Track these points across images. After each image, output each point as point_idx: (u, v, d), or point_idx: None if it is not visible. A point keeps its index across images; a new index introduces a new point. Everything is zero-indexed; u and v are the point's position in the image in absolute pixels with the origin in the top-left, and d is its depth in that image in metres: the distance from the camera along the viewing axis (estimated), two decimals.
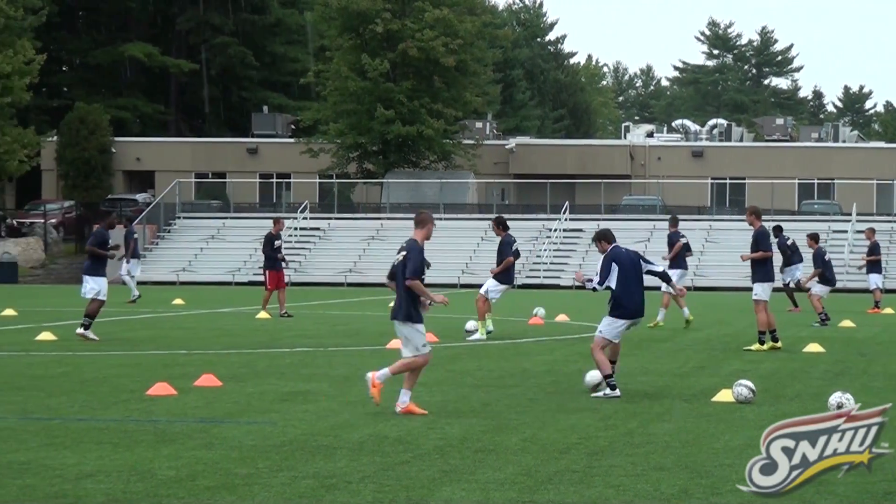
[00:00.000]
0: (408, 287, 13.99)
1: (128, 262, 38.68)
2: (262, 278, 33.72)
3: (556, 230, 60.05)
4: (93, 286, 23.67)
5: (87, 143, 70.24)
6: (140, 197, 68.92)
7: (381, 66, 64.05)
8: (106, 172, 71.60)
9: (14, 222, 66.14)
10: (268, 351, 21.66)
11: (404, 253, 14.20)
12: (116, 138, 73.12)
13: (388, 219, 62.54)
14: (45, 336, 23.51)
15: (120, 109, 79.17)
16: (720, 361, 20.25)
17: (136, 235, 40.80)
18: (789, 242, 34.54)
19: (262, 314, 30.65)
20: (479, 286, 25.96)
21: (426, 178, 66.61)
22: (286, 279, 33.34)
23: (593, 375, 15.70)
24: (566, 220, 60.74)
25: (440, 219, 56.92)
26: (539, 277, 56.62)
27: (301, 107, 74.40)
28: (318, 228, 61.78)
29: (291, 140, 72.37)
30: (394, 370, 14.04)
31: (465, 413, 13.96)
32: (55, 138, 70.45)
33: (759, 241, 21.72)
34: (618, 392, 15.32)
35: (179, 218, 63.56)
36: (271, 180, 71.53)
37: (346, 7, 64.62)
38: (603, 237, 16.26)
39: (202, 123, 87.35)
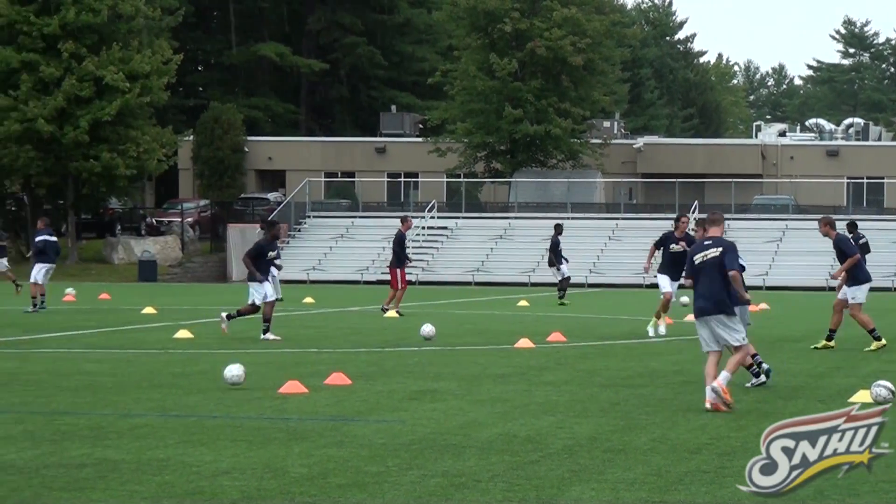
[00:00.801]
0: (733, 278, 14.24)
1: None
2: (387, 277, 33.92)
3: None
4: (260, 291, 23.89)
5: (221, 142, 71.32)
6: (271, 196, 69.78)
7: (509, 65, 64.17)
8: (239, 172, 72.60)
9: (153, 221, 67.39)
10: (396, 350, 21.86)
11: (720, 249, 14.29)
12: (249, 138, 74.10)
13: (516, 218, 62.60)
14: (183, 334, 23.96)
15: (253, 109, 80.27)
16: (857, 362, 20.00)
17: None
18: (862, 241, 34.11)
19: (391, 313, 30.80)
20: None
21: (553, 177, 66.55)
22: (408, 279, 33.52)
23: None
24: (695, 219, 60.32)
25: (567, 218, 56.84)
26: None
27: (429, 106, 74.74)
28: (445, 227, 62.03)
29: (419, 139, 72.73)
30: (732, 369, 14.19)
31: (593, 413, 13.99)
32: (191, 138, 71.59)
33: (843, 247, 21.56)
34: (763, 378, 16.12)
35: (309, 217, 64.24)
36: (399, 179, 71.95)
37: (474, 7, 64.82)
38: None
39: (331, 123, 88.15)
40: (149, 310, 31.79)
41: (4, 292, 39.16)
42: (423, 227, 61.32)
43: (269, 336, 23.52)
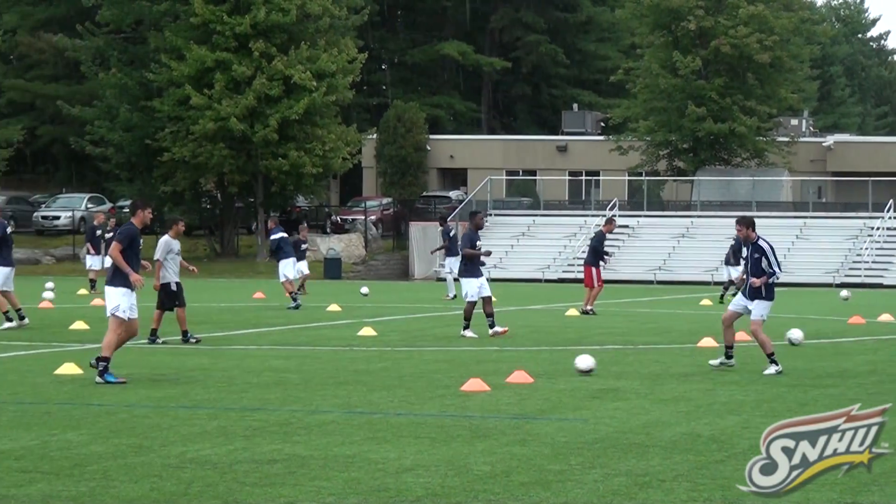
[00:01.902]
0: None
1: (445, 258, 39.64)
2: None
3: (878, 229, 58.45)
4: (465, 288, 24.10)
5: (403, 140, 72.00)
6: (453, 194, 70.19)
7: (693, 63, 63.55)
8: (421, 170, 73.22)
9: (338, 219, 68.35)
10: (578, 348, 21.81)
11: None
12: (431, 136, 74.66)
13: (699, 216, 61.97)
14: (367, 332, 24.28)
15: (435, 107, 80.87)
16: None
17: (452, 233, 41.61)
18: None
19: (588, 307, 30.62)
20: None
21: (738, 175, 65.72)
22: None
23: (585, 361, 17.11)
24: (890, 218, 59.03)
25: (752, 216, 56.04)
26: (860, 276, 55.25)
27: (610, 104, 74.41)
28: (626, 226, 61.65)
29: (601, 138, 72.45)
30: None
31: (780, 412, 13.79)
32: (375, 136, 72.41)
33: None
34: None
35: (491, 215, 64.44)
36: (580, 178, 71.76)
37: (657, 4, 64.35)
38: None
39: (513, 121, 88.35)
40: (334, 307, 32.28)
41: (221, 290, 40.14)
42: (598, 226, 60.98)
43: (468, 333, 23.66)
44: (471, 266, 24.10)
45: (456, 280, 33.63)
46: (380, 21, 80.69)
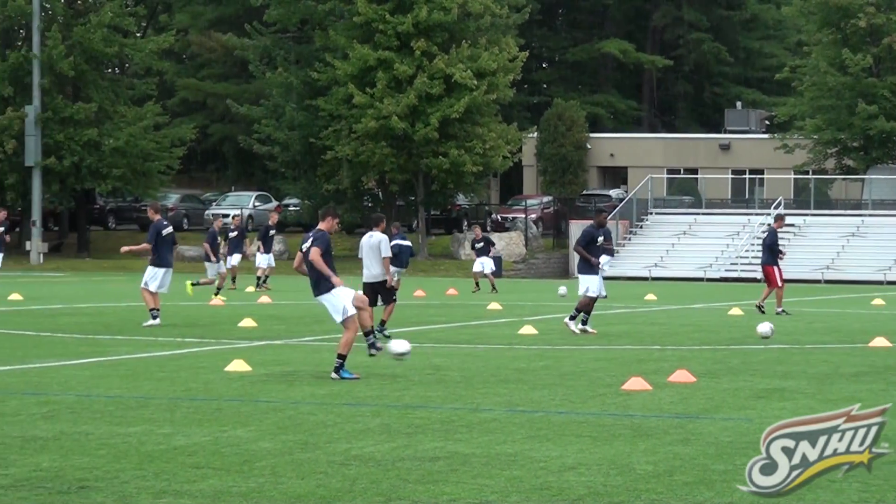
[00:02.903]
0: None
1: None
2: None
3: None
4: (584, 284, 24.22)
5: (564, 139, 71.92)
6: (613, 193, 69.90)
7: (864, 60, 62.38)
8: (581, 168, 73.05)
9: (498, 217, 68.53)
10: (741, 347, 21.61)
11: None
12: (591, 134, 74.43)
13: (871, 216, 60.81)
14: (527, 330, 24.33)
15: (595, 106, 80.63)
16: None
17: (610, 231, 41.51)
18: None
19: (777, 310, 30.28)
20: None
21: None
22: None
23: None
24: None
25: None
26: None
27: (776, 102, 73.37)
28: (792, 225, 60.74)
29: (765, 136, 71.48)
30: None
31: None
32: (535, 135, 72.43)
33: None
34: None
35: (651, 214, 64.04)
36: (744, 176, 70.90)
37: (825, 2, 63.30)
38: None
39: (674, 119, 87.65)
40: (494, 305, 32.38)
41: None
42: (768, 224, 60.13)
43: (572, 325, 23.93)
44: (588, 263, 24.17)
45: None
46: (541, 19, 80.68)
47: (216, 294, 35.05)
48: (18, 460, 10.62)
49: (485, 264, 41.37)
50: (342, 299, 16.77)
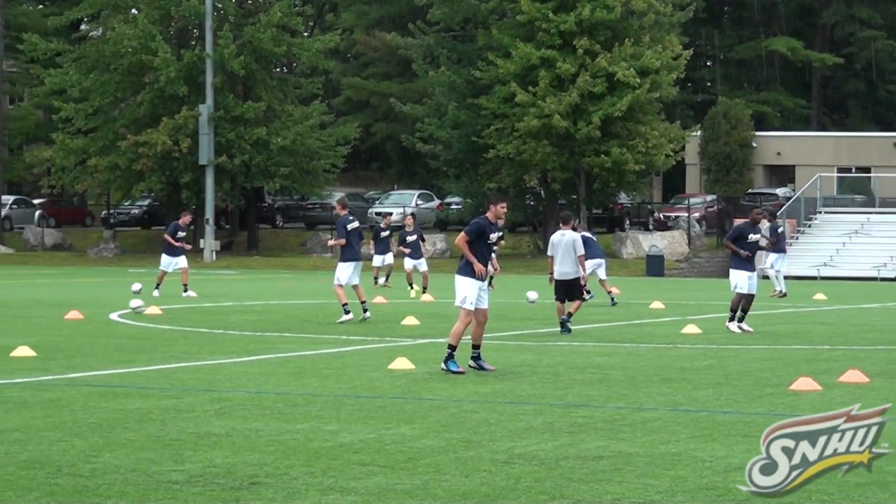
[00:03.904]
0: None
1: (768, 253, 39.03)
2: None
3: None
4: (733, 280, 24.09)
5: (728, 137, 71.10)
6: (780, 191, 68.89)
7: None
8: (746, 167, 72.14)
9: (660, 216, 68.04)
10: None
11: None
12: (757, 133, 73.44)
13: None
14: (691, 329, 24.13)
15: (761, 104, 79.55)
16: None
17: (781, 229, 40.97)
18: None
19: None
20: None
21: None
22: None
23: None
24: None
25: None
26: None
27: None
28: None
29: None
30: None
31: None
32: (699, 133, 71.75)
33: None
34: None
35: (820, 213, 62.98)
36: None
37: None
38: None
39: (845, 118, 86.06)
40: (657, 304, 32.18)
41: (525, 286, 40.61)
42: None
43: (732, 325, 23.78)
44: (739, 259, 23.88)
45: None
46: (706, 17, 79.84)
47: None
48: (193, 456, 10.86)
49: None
50: (468, 290, 16.97)
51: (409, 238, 38.19)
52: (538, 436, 12.06)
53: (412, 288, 37.35)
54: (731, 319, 24.09)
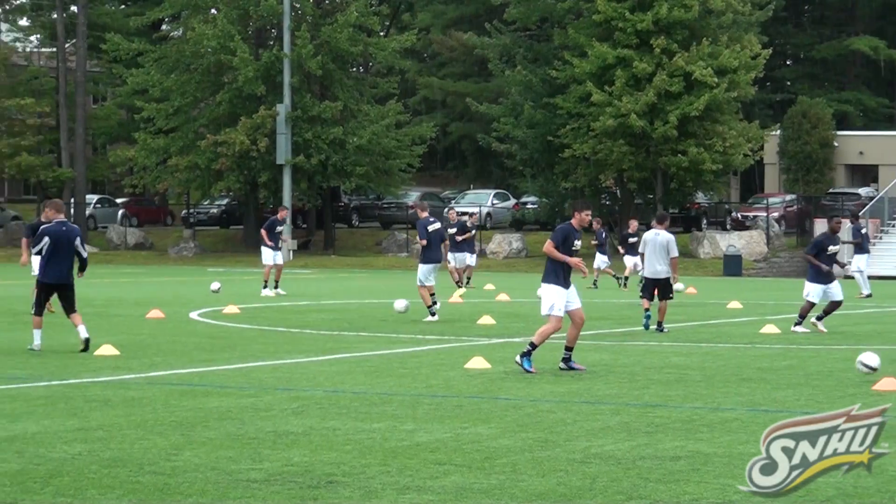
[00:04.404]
0: None
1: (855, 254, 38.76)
2: None
3: None
4: (806, 289, 23.95)
5: (808, 136, 70.44)
6: (863, 191, 68.16)
7: None
8: (827, 166, 71.44)
9: (738, 216, 67.58)
10: None
11: None
12: (838, 132, 72.71)
13: None
14: (770, 329, 23.97)
15: (842, 103, 78.76)
16: None
17: (864, 230, 40.68)
18: None
19: None
20: None
21: None
22: None
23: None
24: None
25: None
26: None
27: None
28: None
29: None
30: None
31: None
32: (778, 132, 71.17)
33: None
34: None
35: None
36: None
37: None
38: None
39: None
40: (734, 304, 31.98)
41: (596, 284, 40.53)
42: None
43: (800, 326, 23.76)
44: (817, 271, 23.77)
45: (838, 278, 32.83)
46: (785, 16, 79.16)
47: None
48: (271, 455, 10.96)
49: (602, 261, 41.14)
50: (554, 297, 17.08)
51: (451, 230, 38.07)
52: (615, 435, 12.04)
53: (460, 286, 37.03)
54: (798, 324, 23.87)
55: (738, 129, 60.65)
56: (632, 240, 38.71)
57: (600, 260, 41.18)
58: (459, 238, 36.95)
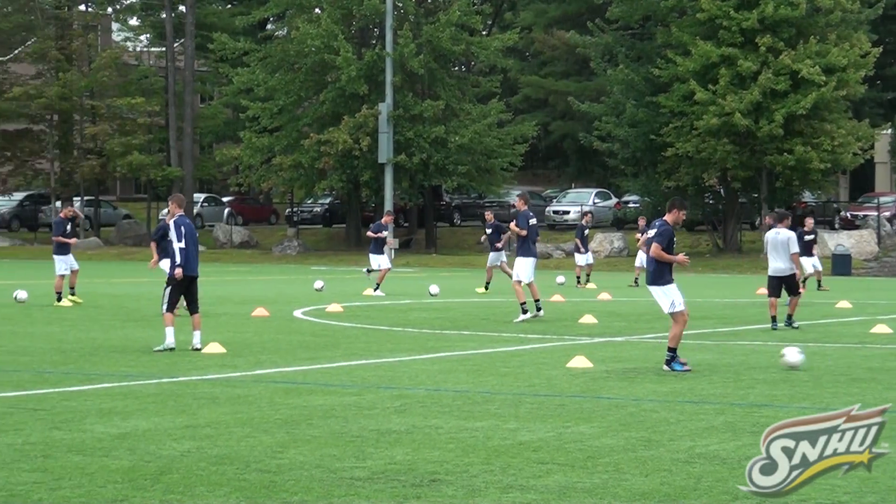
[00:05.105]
0: None
1: None
2: None
3: None
4: None
5: None
6: None
7: None
8: None
9: (847, 215, 66.73)
10: None
11: None
12: None
13: None
14: (881, 329, 23.70)
15: None
16: None
17: None
18: None
19: None
20: None
21: None
22: None
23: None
24: None
25: None
26: None
27: None
28: None
29: None
30: None
31: None
32: (889, 131, 70.19)
33: None
34: None
35: None
36: None
37: None
38: None
39: None
40: (843, 304, 31.60)
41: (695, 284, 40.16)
42: None
43: None
44: None
45: None
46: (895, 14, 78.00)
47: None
48: (374, 453, 11.02)
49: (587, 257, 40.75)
50: (674, 293, 17.18)
51: (489, 230, 37.95)
52: (719, 435, 11.96)
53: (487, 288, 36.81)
54: None
55: (847, 128, 59.85)
56: (808, 237, 37.08)
57: (587, 257, 40.88)
58: (499, 245, 36.95)
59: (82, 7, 76.05)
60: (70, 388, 15.14)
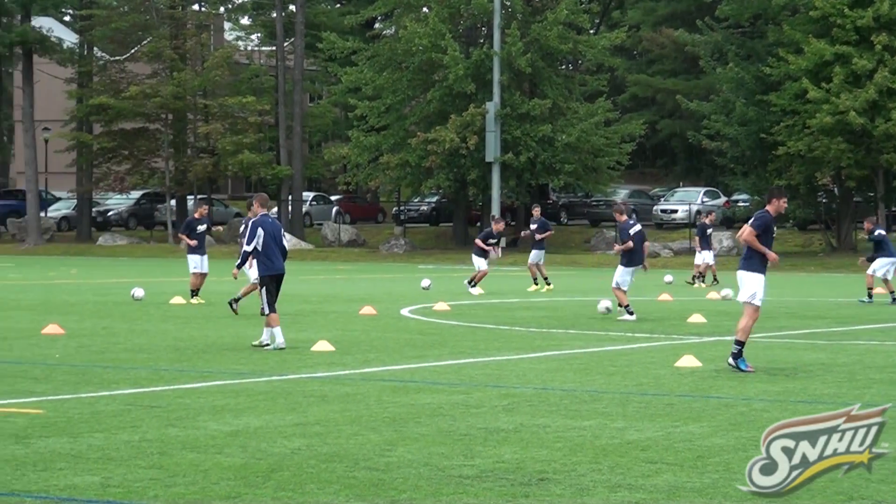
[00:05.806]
0: None
1: None
2: None
3: None
4: None
5: None
6: None
7: None
8: None
9: None
10: None
11: None
12: None
13: None
14: None
15: None
16: None
17: None
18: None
19: None
20: None
21: None
22: None
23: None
24: None
25: None
26: None
27: None
28: None
29: None
30: None
31: None
32: None
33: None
34: None
35: None
36: None
37: None
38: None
39: None
40: None
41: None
42: None
43: None
44: None
45: None
46: None
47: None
48: (483, 451, 11.04)
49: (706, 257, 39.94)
50: (756, 285, 16.91)
51: (533, 226, 37.66)
52: None
53: (537, 284, 36.62)
54: None
55: None
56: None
57: (705, 256, 40.21)
58: (539, 236, 36.74)
59: (196, 7, 77.01)
60: (184, 385, 15.35)
